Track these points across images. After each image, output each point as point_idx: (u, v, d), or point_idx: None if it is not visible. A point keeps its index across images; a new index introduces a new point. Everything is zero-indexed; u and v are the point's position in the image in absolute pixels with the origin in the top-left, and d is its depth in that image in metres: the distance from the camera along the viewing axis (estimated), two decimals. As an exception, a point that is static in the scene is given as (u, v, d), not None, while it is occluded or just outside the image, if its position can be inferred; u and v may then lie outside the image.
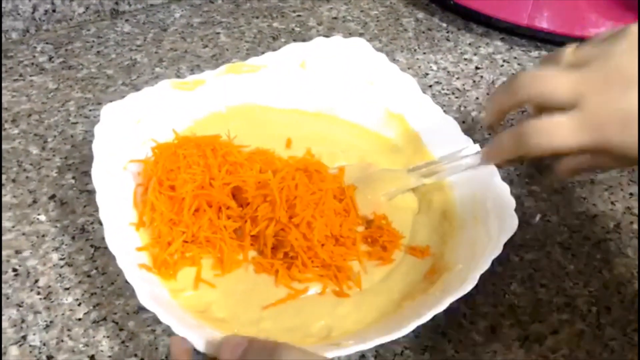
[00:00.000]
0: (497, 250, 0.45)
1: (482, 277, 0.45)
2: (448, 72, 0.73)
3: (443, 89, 0.70)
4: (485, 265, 0.44)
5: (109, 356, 0.46)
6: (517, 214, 0.49)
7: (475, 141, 0.55)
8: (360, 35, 0.78)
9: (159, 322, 0.44)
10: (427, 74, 0.72)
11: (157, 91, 0.56)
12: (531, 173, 0.61)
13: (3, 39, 0.76)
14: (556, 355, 0.47)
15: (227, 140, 0.54)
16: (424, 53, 0.76)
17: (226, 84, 0.58)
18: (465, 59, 0.75)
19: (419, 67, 0.73)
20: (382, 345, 0.42)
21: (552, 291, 0.51)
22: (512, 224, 0.47)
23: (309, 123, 0.59)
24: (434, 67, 0.73)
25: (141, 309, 0.49)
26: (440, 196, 0.54)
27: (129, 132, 0.53)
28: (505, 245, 0.47)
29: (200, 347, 0.39)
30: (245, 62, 0.60)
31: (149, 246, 0.48)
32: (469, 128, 0.65)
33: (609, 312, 0.50)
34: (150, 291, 0.43)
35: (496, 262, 0.46)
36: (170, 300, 0.45)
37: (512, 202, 0.49)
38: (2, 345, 0.47)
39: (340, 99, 0.60)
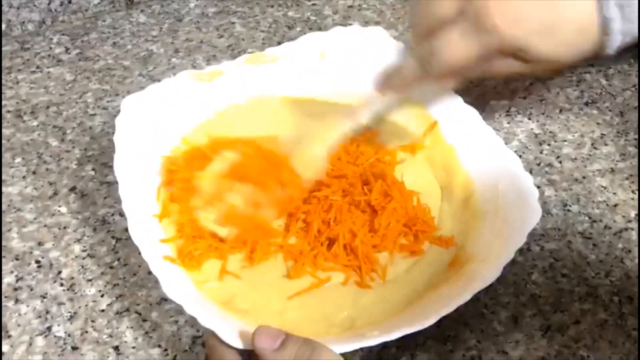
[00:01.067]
0: (520, 241, 0.45)
1: (503, 267, 0.45)
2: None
3: (461, 78, 0.70)
4: (508, 257, 0.44)
5: (133, 347, 0.47)
6: (537, 203, 0.49)
7: (497, 130, 0.55)
8: (377, 23, 0.77)
9: (182, 312, 0.45)
10: (444, 63, 0.72)
11: (177, 82, 0.56)
12: (551, 162, 0.60)
13: (20, 31, 0.76)
14: (578, 344, 0.47)
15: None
16: (441, 41, 0.75)
17: (245, 74, 0.58)
18: (482, 47, 0.74)
19: (436, 55, 0.73)
20: (404, 335, 0.42)
21: (574, 281, 0.51)
22: (535, 215, 0.47)
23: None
24: (451, 56, 0.73)
25: (164, 299, 0.49)
26: (461, 185, 0.53)
27: (150, 124, 0.53)
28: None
29: (227, 338, 0.39)
30: (263, 53, 0.60)
31: (175, 237, 0.48)
32: (487, 116, 0.64)
33: (631, 301, 0.50)
34: (175, 283, 0.43)
35: (517, 251, 0.46)
36: (195, 291, 0.45)
37: (535, 193, 0.48)
38: (29, 337, 0.47)
39: (359, 89, 0.59)
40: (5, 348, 0.46)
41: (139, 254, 0.45)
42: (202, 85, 0.56)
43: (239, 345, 0.39)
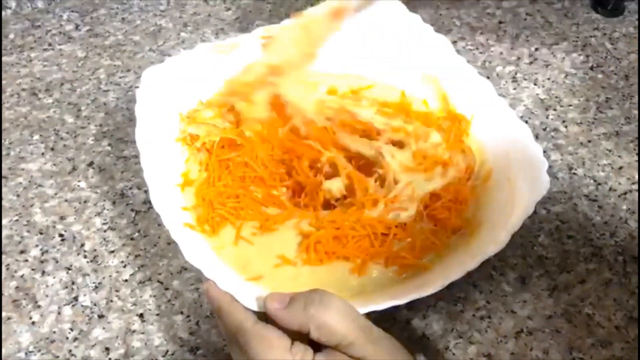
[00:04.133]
0: (529, 211, 0.46)
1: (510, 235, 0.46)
2: (472, 27, 0.73)
3: (467, 45, 0.71)
4: (516, 226, 0.45)
5: (157, 314, 0.49)
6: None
7: (503, 96, 0.56)
8: (382, -8, 0.77)
9: (202, 280, 0.47)
10: (450, 30, 0.72)
11: (196, 55, 0.56)
12: (557, 127, 0.62)
13: (30, 9, 0.77)
14: (584, 303, 0.49)
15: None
16: (447, 8, 0.75)
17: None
18: (488, 14, 0.75)
19: (443, 22, 0.73)
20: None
21: (580, 242, 0.53)
22: (543, 185, 0.47)
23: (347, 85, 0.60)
24: (457, 23, 0.73)
25: (184, 268, 0.51)
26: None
27: (169, 95, 0.54)
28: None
29: (246, 302, 0.41)
30: (279, 25, 0.60)
31: (196, 205, 0.49)
32: (494, 83, 0.65)
33: (635, 260, 0.51)
34: (195, 249, 0.45)
35: (524, 216, 0.47)
36: (214, 256, 0.47)
37: (545, 163, 0.49)
38: (57, 306, 0.50)
39: (374, 61, 0.59)
40: (35, 317, 0.49)
41: (159, 225, 0.47)
42: (220, 57, 0.57)
43: (255, 308, 0.41)
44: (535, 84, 0.66)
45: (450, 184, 0.51)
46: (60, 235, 0.54)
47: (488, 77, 0.66)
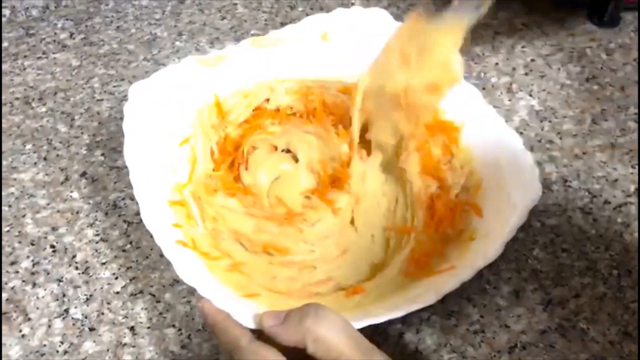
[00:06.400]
0: (522, 219, 0.46)
1: (505, 244, 0.46)
2: (467, 37, 0.73)
3: (462, 55, 0.70)
4: (510, 234, 0.45)
5: (148, 327, 0.48)
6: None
7: (498, 107, 0.56)
8: (378, 1, 0.77)
9: (194, 293, 0.46)
10: (445, 40, 0.72)
11: (182, 68, 0.56)
12: (551, 138, 0.61)
13: (24, 17, 0.77)
14: (579, 317, 0.48)
15: None
16: (442, 19, 0.75)
17: (249, 58, 0.58)
18: (483, 24, 0.74)
19: (438, 33, 0.73)
20: (409, 312, 0.43)
21: (574, 255, 0.52)
22: (536, 192, 0.47)
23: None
24: (453, 33, 0.73)
25: (176, 281, 0.51)
26: (461, 161, 0.54)
27: (158, 110, 0.54)
28: (527, 211, 0.48)
29: (242, 320, 0.41)
30: (266, 36, 0.60)
31: (186, 223, 0.49)
32: (489, 94, 0.65)
33: (630, 274, 0.51)
34: (188, 266, 0.44)
35: (518, 228, 0.47)
36: (207, 273, 0.46)
37: (536, 170, 0.49)
38: (48, 319, 0.49)
39: (360, 68, 0.59)
40: (25, 330, 0.48)
41: (151, 237, 0.46)
42: (207, 70, 0.57)
43: (252, 325, 0.40)
44: (530, 95, 0.66)
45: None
46: (52, 246, 0.54)
47: (483, 88, 0.66)
